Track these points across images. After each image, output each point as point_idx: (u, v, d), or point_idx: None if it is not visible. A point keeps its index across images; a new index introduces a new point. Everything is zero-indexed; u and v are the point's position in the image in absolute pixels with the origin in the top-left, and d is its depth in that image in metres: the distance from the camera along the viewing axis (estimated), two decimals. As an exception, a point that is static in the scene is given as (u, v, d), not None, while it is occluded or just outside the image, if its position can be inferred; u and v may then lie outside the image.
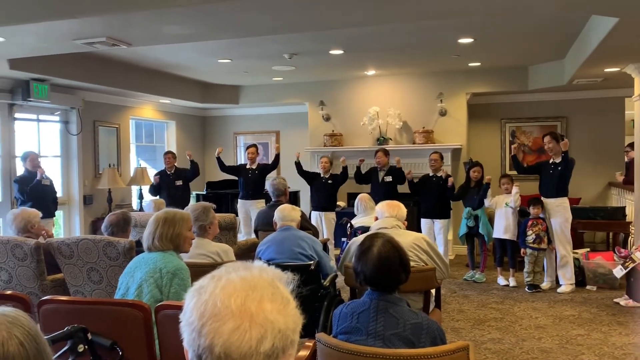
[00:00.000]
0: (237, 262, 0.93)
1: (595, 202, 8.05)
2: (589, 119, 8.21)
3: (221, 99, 9.10)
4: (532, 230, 5.86)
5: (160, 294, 2.52)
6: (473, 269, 6.48)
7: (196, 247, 3.42)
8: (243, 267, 0.91)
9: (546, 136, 5.87)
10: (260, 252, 3.77)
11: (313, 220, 6.93)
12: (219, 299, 0.84)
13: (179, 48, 6.23)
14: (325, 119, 8.59)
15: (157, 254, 2.65)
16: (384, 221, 3.42)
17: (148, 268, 2.59)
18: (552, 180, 5.79)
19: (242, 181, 7.36)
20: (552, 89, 7.87)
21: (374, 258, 2.11)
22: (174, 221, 2.72)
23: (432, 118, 8.11)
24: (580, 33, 5.61)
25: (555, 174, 5.77)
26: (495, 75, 7.86)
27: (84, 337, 1.88)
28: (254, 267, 0.91)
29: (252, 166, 7.39)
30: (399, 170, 6.82)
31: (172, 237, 2.68)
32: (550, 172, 5.82)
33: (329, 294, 3.65)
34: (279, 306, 0.86)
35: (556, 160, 5.79)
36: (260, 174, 7.32)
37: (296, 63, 7.09)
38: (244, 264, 0.92)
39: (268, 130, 9.76)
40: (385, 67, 7.68)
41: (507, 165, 8.61)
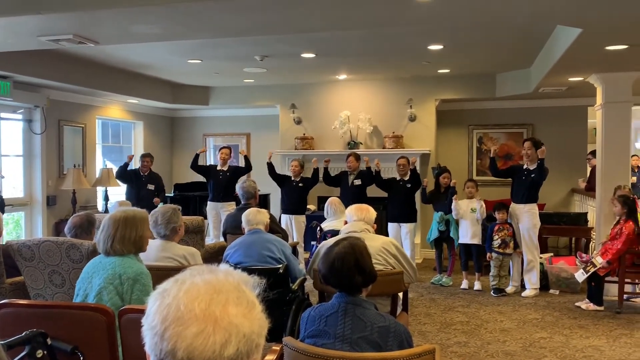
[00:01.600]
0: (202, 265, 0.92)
1: (559, 208, 8.26)
2: (553, 126, 8.43)
3: (191, 100, 9.02)
4: (498, 235, 5.96)
5: (122, 301, 2.44)
6: (440, 273, 6.56)
7: (162, 249, 3.38)
8: (208, 270, 0.90)
9: (527, 141, 5.93)
10: (228, 256, 3.74)
11: (283, 224, 6.91)
12: (183, 302, 0.83)
13: (148, 47, 6.14)
14: (297, 122, 8.59)
15: (115, 259, 2.54)
16: (353, 225, 3.43)
17: (107, 274, 2.49)
18: (524, 186, 5.87)
19: (212, 183, 7.30)
20: (518, 97, 8.05)
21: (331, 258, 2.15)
22: (135, 222, 2.62)
23: (401, 123, 8.19)
24: (547, 42, 5.76)
25: (527, 180, 5.84)
26: (463, 82, 8.00)
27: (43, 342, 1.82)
28: (219, 271, 0.90)
29: (223, 168, 7.34)
30: (369, 173, 6.86)
31: (135, 239, 2.59)
32: (523, 178, 5.90)
33: (298, 298, 3.65)
34: (244, 310, 0.85)
35: (530, 167, 5.86)
36: (231, 176, 7.27)
37: (267, 65, 7.07)
38: (209, 268, 0.91)
39: (238, 132, 9.70)
40: (356, 71, 7.73)
41: (474, 171, 8.77)
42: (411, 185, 6.57)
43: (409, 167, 6.62)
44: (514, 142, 8.57)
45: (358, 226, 3.40)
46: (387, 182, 6.77)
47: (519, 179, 5.94)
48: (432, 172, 7.60)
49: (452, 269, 6.52)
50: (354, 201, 4.92)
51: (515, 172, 6.07)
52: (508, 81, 7.76)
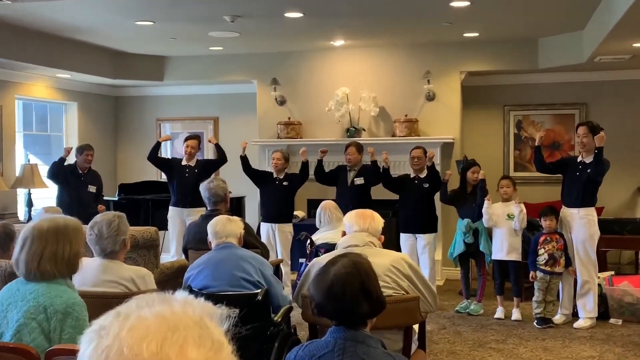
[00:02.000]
0: (152, 294, 0.92)
1: (622, 213, 8.30)
2: (614, 106, 8.47)
3: (140, 74, 8.98)
4: (545, 248, 5.98)
5: (49, 341, 2.41)
6: (468, 298, 6.58)
7: (104, 271, 3.37)
8: (160, 300, 0.89)
9: (581, 126, 5.93)
10: (190, 278, 3.73)
11: (263, 236, 6.91)
12: (126, 344, 0.82)
13: (83, 5, 6.10)
14: (279, 103, 8.58)
15: (37, 286, 2.50)
16: (353, 237, 3.43)
17: (27, 306, 2.45)
18: (578, 185, 5.86)
19: (176, 183, 7.26)
20: (568, 68, 8.08)
21: (328, 280, 2.13)
22: (68, 234, 2.60)
23: (416, 103, 8.20)
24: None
25: (582, 177, 5.83)
26: (497, 49, 8.02)
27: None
28: (175, 301, 0.90)
29: (189, 163, 7.31)
30: (375, 169, 6.87)
31: (68, 258, 2.58)
32: (577, 174, 5.89)
33: (281, 332, 3.64)
34: (208, 352, 0.85)
35: (586, 160, 5.86)
36: (200, 174, 7.12)
37: (241, 28, 7.05)
38: (161, 297, 0.90)
39: (203, 116, 9.68)
40: (357, 36, 7.72)
41: (510, 165, 8.80)
42: (429, 184, 6.57)
43: (425, 160, 6.62)
44: (562, 127, 8.61)
45: (360, 238, 3.40)
46: (399, 181, 6.78)
47: (572, 176, 5.95)
48: (456, 167, 7.62)
49: (482, 292, 6.54)
50: (354, 205, 4.91)
51: (567, 166, 6.08)
52: (554, 48, 7.79)
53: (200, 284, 3.66)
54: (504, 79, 8.73)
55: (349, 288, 2.11)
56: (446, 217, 7.66)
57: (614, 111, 8.45)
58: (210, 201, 5.22)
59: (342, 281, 2.12)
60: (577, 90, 8.58)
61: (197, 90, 9.67)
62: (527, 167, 8.60)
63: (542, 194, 8.07)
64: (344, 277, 2.13)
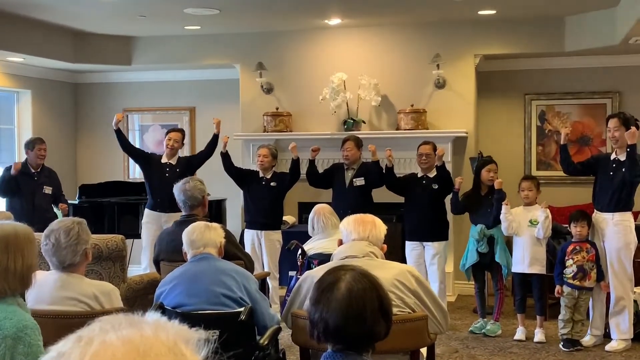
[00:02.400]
0: (118, 314, 0.91)
1: (660, 218, 8.34)
2: (651, 95, 8.50)
3: (104, 57, 8.96)
4: (574, 259, 5.98)
5: None
6: (483, 317, 6.60)
7: (62, 286, 3.36)
8: (128, 322, 0.89)
9: (613, 118, 5.92)
10: (163, 295, 3.73)
11: (247, 244, 6.91)
12: (88, 374, 0.82)
13: (37, -23, 6.09)
14: (266, 91, 8.58)
15: None
16: (351, 246, 3.43)
17: None
18: (613, 186, 5.86)
19: (154, 183, 7.25)
20: (599, 51, 8.10)
21: (342, 298, 2.12)
22: (19, 244, 2.59)
23: (424, 92, 8.21)
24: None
25: (617, 177, 5.83)
26: (517, 29, 8.03)
27: None
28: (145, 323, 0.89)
29: (170, 160, 7.31)
30: (376, 168, 6.87)
31: (21, 272, 2.57)
32: (611, 173, 5.90)
33: (268, 358, 3.64)
34: (182, 384, 0.85)
35: (620, 157, 5.87)
36: (183, 173, 7.08)
37: (221, 4, 7.05)
38: (129, 318, 0.90)
39: (177, 106, 9.67)
40: (356, 14, 7.72)
41: (532, 163, 8.82)
42: (439, 186, 6.58)
43: (435, 157, 6.64)
44: (592, 119, 8.64)
45: (359, 248, 3.40)
46: (404, 182, 6.77)
47: (605, 176, 5.95)
48: (470, 165, 7.63)
49: (499, 310, 6.55)
50: (353, 209, 4.90)
51: (598, 165, 6.08)
52: (583, 28, 7.81)
53: (174, 302, 3.65)
54: (525, 64, 8.74)
55: (369, 306, 2.11)
56: (458, 223, 7.67)
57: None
58: (186, 205, 5.20)
59: (361, 298, 2.11)
60: (609, 76, 8.59)
61: (171, 76, 9.64)
62: (551, 165, 8.62)
63: (570, 197, 8.08)
64: (361, 294, 2.12)
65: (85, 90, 10.04)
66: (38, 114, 9.36)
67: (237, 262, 4.23)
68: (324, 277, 2.23)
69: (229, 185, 7.61)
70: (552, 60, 8.60)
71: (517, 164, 8.71)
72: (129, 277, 5.24)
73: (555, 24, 7.96)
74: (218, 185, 7.91)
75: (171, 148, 7.29)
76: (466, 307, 7.49)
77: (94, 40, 8.86)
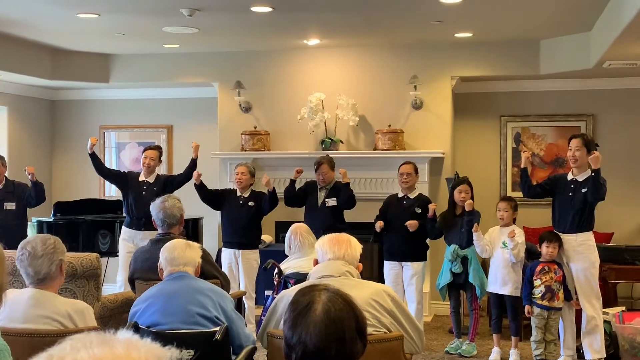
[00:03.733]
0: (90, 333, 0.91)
1: (634, 240, 8.38)
2: (625, 118, 8.58)
3: (82, 74, 8.94)
4: (542, 279, 6.01)
5: None
6: (459, 337, 6.60)
7: (35, 304, 3.33)
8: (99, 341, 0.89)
9: (574, 139, 5.97)
10: (137, 314, 3.70)
11: (224, 263, 6.87)
12: (59, 393, 0.81)
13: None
14: (244, 110, 8.58)
15: None
16: (327, 266, 3.42)
17: None
18: (574, 207, 5.92)
19: (131, 201, 7.22)
20: (573, 75, 8.19)
21: (320, 320, 2.10)
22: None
23: (401, 112, 8.25)
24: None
25: (577, 198, 5.89)
26: (493, 52, 8.11)
27: None
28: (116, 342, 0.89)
29: (147, 178, 7.29)
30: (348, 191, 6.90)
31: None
32: (570, 194, 5.95)
33: (244, 377, 3.62)
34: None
35: (579, 178, 5.95)
36: (160, 191, 7.07)
37: (200, 23, 7.06)
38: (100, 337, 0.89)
39: (155, 124, 9.64)
40: (334, 35, 7.77)
41: (508, 184, 8.87)
42: (422, 210, 6.62)
43: (416, 178, 6.69)
44: (566, 142, 8.61)
45: (335, 268, 3.39)
46: (385, 207, 6.77)
47: (564, 197, 5.98)
48: (447, 185, 7.67)
49: (475, 330, 6.56)
50: (326, 229, 4.90)
51: (556, 185, 6.13)
52: (558, 51, 7.90)
53: (149, 321, 3.62)
54: (500, 86, 8.82)
55: (347, 327, 2.10)
56: (435, 243, 7.65)
57: (624, 123, 8.56)
58: (165, 223, 5.17)
59: (339, 319, 2.10)
60: (583, 99, 8.68)
61: (149, 94, 9.62)
62: (527, 186, 8.67)
63: (544, 218, 8.06)
64: (339, 314, 2.11)
65: (62, 107, 9.98)
66: (14, 130, 9.29)
67: (213, 281, 4.21)
68: (297, 299, 2.20)
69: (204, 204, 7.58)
70: (528, 82, 8.69)
71: (493, 185, 8.77)
72: (103, 296, 5.19)
73: (531, 47, 8.05)
74: (194, 203, 7.86)
75: (147, 166, 7.26)
76: (442, 327, 7.49)
77: (72, 57, 8.82)
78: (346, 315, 2.12)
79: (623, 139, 8.52)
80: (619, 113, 8.60)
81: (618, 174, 8.26)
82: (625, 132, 8.52)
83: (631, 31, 5.63)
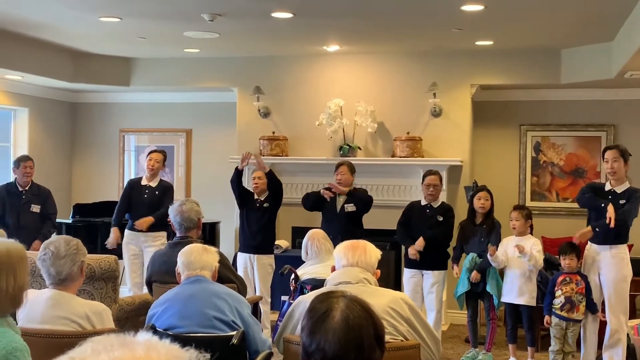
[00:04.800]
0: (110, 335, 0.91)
1: (653, 251, 8.33)
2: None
3: (103, 78, 8.98)
4: (563, 290, 5.98)
5: None
6: (475, 347, 6.57)
7: (54, 305, 3.34)
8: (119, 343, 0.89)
9: (610, 150, 5.87)
10: (155, 316, 3.71)
11: (239, 268, 6.88)
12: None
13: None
14: (263, 115, 8.60)
15: None
16: (345, 272, 3.42)
17: None
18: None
19: (133, 203, 7.29)
20: (595, 84, 8.15)
21: (339, 327, 2.09)
22: (12, 263, 2.57)
23: (420, 120, 8.23)
24: (637, 4, 5.85)
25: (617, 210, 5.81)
26: (513, 60, 8.08)
27: None
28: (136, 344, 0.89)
29: (150, 182, 7.33)
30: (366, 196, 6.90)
31: (13, 292, 2.55)
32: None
33: (259, 382, 3.62)
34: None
35: (617, 190, 5.87)
36: (161, 197, 7.24)
37: (221, 28, 7.08)
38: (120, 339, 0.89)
39: (174, 127, 9.67)
40: (353, 41, 7.77)
41: (527, 193, 8.82)
42: (443, 218, 6.61)
43: (441, 187, 6.68)
44: (586, 152, 8.66)
45: (353, 274, 3.39)
46: (408, 216, 6.76)
47: (601, 208, 5.95)
48: (465, 194, 7.64)
49: (491, 340, 6.52)
50: (344, 235, 4.90)
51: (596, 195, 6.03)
52: (579, 61, 7.86)
53: (166, 324, 3.63)
54: (521, 95, 8.78)
55: (366, 334, 2.09)
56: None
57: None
58: (182, 227, 5.18)
59: (358, 326, 2.09)
60: (604, 109, 8.63)
61: (169, 98, 9.66)
62: (545, 196, 8.64)
63: (564, 228, 8.07)
64: (357, 322, 2.09)
65: (82, 110, 10.05)
66: (34, 132, 9.36)
67: (230, 286, 4.21)
68: (315, 306, 2.19)
69: (222, 208, 7.60)
70: (548, 92, 8.64)
71: (512, 194, 8.72)
72: (120, 298, 5.21)
73: (552, 56, 8.01)
74: (212, 207, 7.90)
75: (151, 168, 7.33)
76: (458, 337, 7.46)
77: (93, 61, 8.88)
78: (365, 322, 2.11)
79: (644, 150, 8.45)
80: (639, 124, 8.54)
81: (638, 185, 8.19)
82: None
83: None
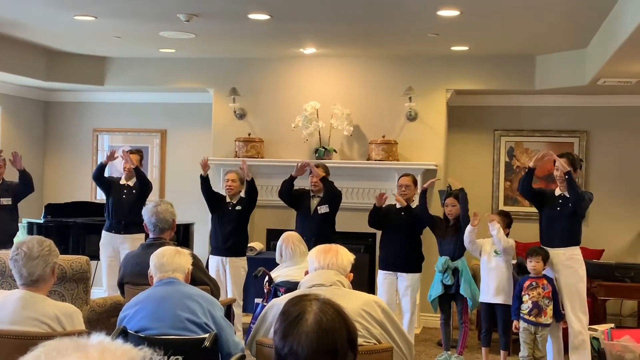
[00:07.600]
0: (63, 339, 0.89)
1: (624, 257, 8.40)
2: (619, 135, 8.61)
3: (77, 77, 8.93)
4: (530, 295, 5.99)
5: None
6: (447, 350, 6.59)
7: (25, 306, 3.31)
8: (73, 346, 0.87)
9: (561, 158, 6.01)
10: (126, 318, 3.68)
11: (212, 270, 6.85)
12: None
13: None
14: (239, 116, 8.58)
15: None
16: (318, 275, 3.42)
17: None
18: (561, 221, 5.98)
19: (111, 204, 7.24)
20: (568, 91, 8.23)
21: (312, 330, 2.08)
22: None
23: (396, 123, 8.26)
24: (612, 11, 5.90)
25: (565, 212, 5.95)
26: (488, 66, 8.14)
27: None
28: (91, 347, 0.88)
29: (127, 182, 7.30)
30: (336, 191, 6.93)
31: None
32: (558, 209, 6.01)
33: (231, 385, 3.60)
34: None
35: (566, 193, 5.99)
36: (140, 195, 7.22)
37: (197, 29, 7.05)
38: (74, 342, 0.88)
39: (148, 128, 9.62)
40: (330, 44, 7.78)
41: (500, 197, 8.88)
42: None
43: (415, 190, 6.72)
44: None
45: (326, 277, 3.39)
46: (384, 216, 6.77)
47: (552, 211, 6.03)
48: (439, 198, 7.67)
49: (464, 343, 6.55)
50: (317, 237, 4.90)
51: (545, 200, 6.16)
52: (553, 67, 7.93)
53: (138, 325, 3.60)
54: (495, 100, 8.84)
55: (339, 337, 2.08)
56: (426, 255, 7.66)
57: (617, 141, 8.60)
58: (157, 228, 5.13)
59: (331, 330, 2.08)
60: (577, 116, 8.71)
61: (143, 98, 9.61)
62: (518, 200, 8.70)
63: (537, 233, 8.05)
64: (330, 325, 2.09)
65: (55, 109, 9.95)
66: (7, 130, 9.26)
67: (203, 288, 4.19)
68: (288, 309, 2.18)
69: (197, 210, 7.56)
70: (522, 97, 8.71)
71: (485, 198, 8.78)
72: (92, 300, 5.17)
73: (526, 62, 8.08)
74: (186, 209, 7.85)
75: (128, 170, 7.32)
76: (431, 340, 7.48)
77: (68, 59, 8.81)
78: (338, 325, 2.10)
79: (616, 156, 8.56)
80: (612, 130, 8.63)
81: (610, 191, 8.30)
82: (618, 149, 8.55)
83: (626, 49, 5.66)
